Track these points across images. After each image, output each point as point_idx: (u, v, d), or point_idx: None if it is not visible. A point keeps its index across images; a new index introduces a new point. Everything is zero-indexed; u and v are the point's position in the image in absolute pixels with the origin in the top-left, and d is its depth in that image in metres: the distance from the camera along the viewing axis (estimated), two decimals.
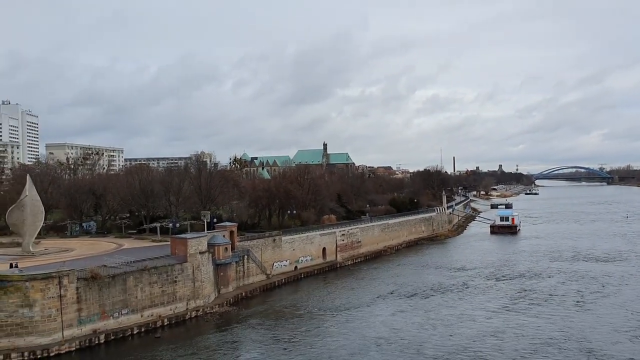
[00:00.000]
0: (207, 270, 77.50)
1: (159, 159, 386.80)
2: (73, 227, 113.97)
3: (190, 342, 61.91)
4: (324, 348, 59.00)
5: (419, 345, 59.26)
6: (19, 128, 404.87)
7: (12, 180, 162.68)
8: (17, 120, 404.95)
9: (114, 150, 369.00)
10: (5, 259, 77.16)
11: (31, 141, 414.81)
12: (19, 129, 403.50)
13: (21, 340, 56.20)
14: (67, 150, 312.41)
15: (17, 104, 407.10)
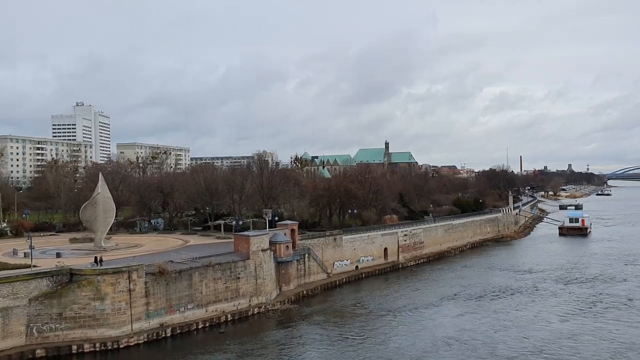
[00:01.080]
0: (269, 268, 78.32)
1: (222, 158, 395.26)
2: (142, 224, 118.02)
3: (253, 338, 62.76)
4: (389, 347, 58.60)
5: (492, 345, 58.05)
6: (92, 128, 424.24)
7: (86, 179, 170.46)
8: (90, 121, 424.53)
9: (181, 150, 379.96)
10: (80, 254, 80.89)
11: (103, 141, 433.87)
12: (92, 130, 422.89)
13: (93, 332, 58.56)
14: (136, 150, 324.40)
15: (90, 105, 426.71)
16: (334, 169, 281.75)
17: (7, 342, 55.12)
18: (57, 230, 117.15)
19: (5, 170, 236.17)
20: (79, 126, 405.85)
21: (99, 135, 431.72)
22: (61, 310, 58.06)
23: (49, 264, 66.84)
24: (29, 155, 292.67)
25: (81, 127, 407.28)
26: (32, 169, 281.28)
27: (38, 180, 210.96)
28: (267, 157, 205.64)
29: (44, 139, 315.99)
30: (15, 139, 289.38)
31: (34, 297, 57.56)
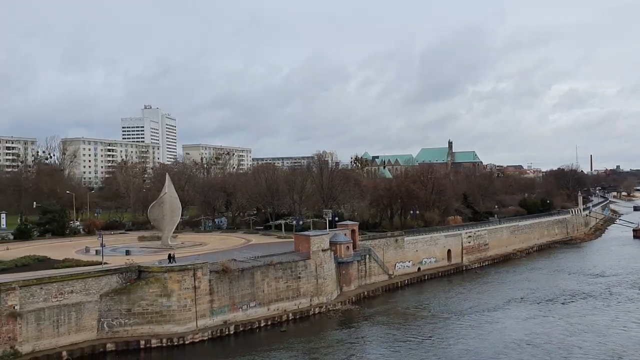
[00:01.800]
0: (330, 268, 78.30)
1: (283, 158, 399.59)
2: (206, 223, 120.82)
3: (314, 337, 62.88)
4: (457, 348, 57.52)
5: (567, 350, 56.10)
6: (159, 130, 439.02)
7: (153, 179, 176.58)
8: (158, 123, 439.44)
9: (243, 151, 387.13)
10: (148, 252, 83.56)
11: (170, 142, 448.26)
12: (159, 131, 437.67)
13: (160, 327, 60.27)
14: (201, 151, 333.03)
15: (157, 108, 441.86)
16: (395, 169, 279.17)
17: (80, 335, 57.55)
18: (126, 228, 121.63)
19: (78, 171, 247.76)
20: (147, 128, 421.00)
21: (166, 136, 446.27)
22: (130, 306, 60.09)
23: (118, 261, 69.41)
24: (101, 156, 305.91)
25: (149, 129, 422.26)
26: (103, 170, 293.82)
27: (109, 180, 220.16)
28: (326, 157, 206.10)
29: (114, 141, 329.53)
30: (88, 141, 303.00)
31: (104, 293, 59.84)
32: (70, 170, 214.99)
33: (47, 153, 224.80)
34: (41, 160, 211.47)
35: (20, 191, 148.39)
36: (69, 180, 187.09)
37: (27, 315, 54.26)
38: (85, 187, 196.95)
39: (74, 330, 57.31)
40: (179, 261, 67.02)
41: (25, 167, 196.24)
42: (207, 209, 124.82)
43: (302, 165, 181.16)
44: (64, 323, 56.72)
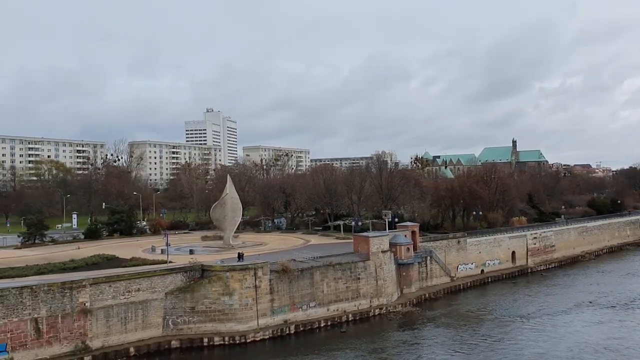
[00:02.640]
0: (390, 270, 77.51)
1: (341, 159, 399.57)
2: (266, 223, 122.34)
3: (374, 339, 62.36)
4: (527, 352, 55.96)
5: None
6: (221, 133, 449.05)
7: (215, 180, 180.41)
8: (219, 126, 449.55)
9: (301, 152, 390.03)
10: (210, 251, 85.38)
11: (230, 144, 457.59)
12: (220, 134, 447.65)
13: (222, 325, 61.35)
14: (260, 152, 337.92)
15: (219, 111, 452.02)
16: (457, 169, 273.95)
17: (146, 332, 59.36)
18: (190, 228, 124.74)
19: (145, 173, 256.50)
20: (209, 131, 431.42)
21: (227, 139, 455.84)
22: (194, 304, 61.46)
23: (182, 260, 71.21)
24: (165, 158, 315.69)
25: (211, 132, 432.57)
26: (168, 172, 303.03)
27: (173, 182, 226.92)
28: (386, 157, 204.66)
29: (178, 144, 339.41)
30: (153, 144, 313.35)
31: (169, 291, 61.47)
32: (137, 172, 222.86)
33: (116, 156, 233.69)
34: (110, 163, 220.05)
35: (90, 193, 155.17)
36: (136, 181, 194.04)
37: (96, 312, 56.44)
38: (151, 188, 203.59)
39: (140, 327, 59.15)
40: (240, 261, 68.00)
41: (95, 170, 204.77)
42: (266, 209, 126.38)
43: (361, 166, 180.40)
44: (131, 320, 58.65)
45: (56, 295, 54.42)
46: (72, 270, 67.54)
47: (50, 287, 54.56)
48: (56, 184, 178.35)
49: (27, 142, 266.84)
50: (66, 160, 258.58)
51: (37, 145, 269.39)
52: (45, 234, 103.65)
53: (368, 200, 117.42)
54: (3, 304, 51.40)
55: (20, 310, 52.28)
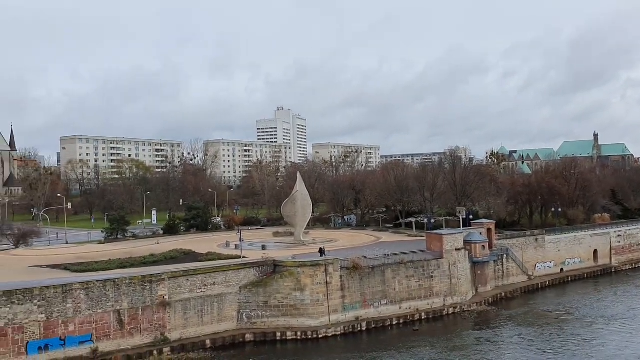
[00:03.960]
0: (464, 268, 75.68)
1: (413, 155, 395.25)
2: (336, 220, 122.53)
3: (448, 338, 61.17)
4: (618, 355, 53.51)
5: None
6: (291, 131, 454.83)
7: (286, 177, 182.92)
8: (289, 124, 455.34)
9: (371, 148, 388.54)
10: (282, 247, 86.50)
11: (300, 142, 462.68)
12: (290, 132, 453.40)
13: (295, 320, 61.95)
14: (330, 149, 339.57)
15: (289, 109, 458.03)
16: (535, 164, 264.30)
17: (221, 325, 60.86)
18: (262, 224, 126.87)
19: (219, 171, 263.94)
20: (279, 129, 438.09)
21: (297, 136, 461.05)
22: (266, 298, 62.42)
23: (255, 255, 72.48)
24: (238, 156, 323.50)
25: (281, 130, 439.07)
26: (240, 169, 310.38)
27: (246, 179, 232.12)
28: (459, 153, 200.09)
29: (250, 142, 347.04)
30: (227, 142, 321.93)
31: (243, 285, 62.72)
32: (212, 170, 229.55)
33: (192, 154, 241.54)
34: (186, 161, 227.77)
35: (169, 190, 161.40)
36: (211, 179, 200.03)
37: (175, 305, 58.39)
38: (225, 185, 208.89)
39: (216, 320, 60.71)
40: (310, 257, 68.49)
41: (173, 168, 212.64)
42: (336, 206, 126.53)
43: (433, 162, 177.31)
44: (207, 313, 60.29)
45: (137, 288, 56.73)
46: (151, 264, 70.30)
47: (132, 280, 56.96)
48: (137, 182, 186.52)
49: (109, 142, 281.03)
50: (146, 159, 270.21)
51: (118, 145, 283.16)
52: (126, 229, 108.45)
53: (441, 197, 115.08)
54: (88, 296, 54.14)
55: (104, 302, 54.90)
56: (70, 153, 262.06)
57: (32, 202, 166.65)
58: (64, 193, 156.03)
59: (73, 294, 53.41)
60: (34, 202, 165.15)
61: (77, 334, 53.08)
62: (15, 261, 76.11)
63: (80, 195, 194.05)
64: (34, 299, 51.53)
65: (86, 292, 54.12)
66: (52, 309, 52.21)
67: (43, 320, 51.70)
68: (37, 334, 51.30)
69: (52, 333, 51.97)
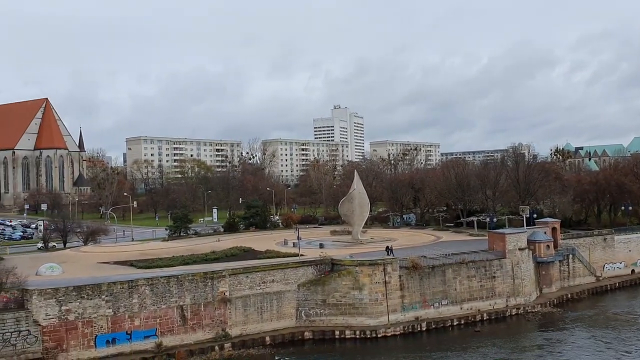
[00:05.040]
0: (527, 268, 73.38)
1: (474, 152, 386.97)
2: (394, 219, 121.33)
3: (510, 339, 59.58)
4: None
5: None
6: (348, 129, 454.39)
7: (343, 176, 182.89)
8: (346, 122, 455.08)
9: (431, 146, 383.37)
10: (339, 246, 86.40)
11: (357, 140, 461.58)
12: (347, 130, 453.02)
13: (353, 319, 61.77)
14: (388, 147, 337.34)
15: (346, 107, 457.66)
16: (603, 161, 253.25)
17: (280, 322, 61.45)
18: (319, 223, 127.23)
19: (277, 170, 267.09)
20: (336, 128, 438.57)
21: (354, 134, 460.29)
22: (325, 297, 62.52)
23: (312, 253, 72.72)
24: (295, 155, 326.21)
25: (338, 129, 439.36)
26: (298, 168, 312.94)
27: (303, 178, 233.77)
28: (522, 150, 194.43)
29: (307, 141, 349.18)
30: (284, 141, 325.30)
31: (301, 283, 63.06)
32: (270, 168, 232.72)
33: (250, 154, 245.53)
34: (245, 161, 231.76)
35: (229, 189, 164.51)
36: (269, 178, 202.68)
37: (235, 301, 59.39)
38: (282, 184, 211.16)
39: (275, 317, 61.35)
40: (369, 256, 68.12)
41: (232, 167, 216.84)
42: (395, 205, 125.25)
43: (495, 160, 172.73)
44: (267, 310, 61.02)
45: (199, 285, 58.04)
46: (213, 261, 71.76)
47: (194, 276, 58.32)
48: (198, 181, 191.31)
49: (172, 142, 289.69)
50: (207, 159, 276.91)
51: (181, 145, 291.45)
52: (189, 227, 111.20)
53: (504, 196, 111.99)
54: (153, 292, 55.81)
55: (167, 297, 56.47)
56: (135, 153, 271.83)
57: (100, 200, 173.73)
58: (130, 192, 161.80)
59: (138, 290, 55.20)
60: (101, 200, 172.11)
61: (142, 329, 54.85)
62: (85, 257, 79.41)
63: (145, 194, 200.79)
64: (102, 294, 53.60)
65: (151, 288, 55.81)
66: (118, 304, 54.15)
67: (110, 314, 53.70)
68: (105, 327, 53.33)
69: (119, 327, 53.90)
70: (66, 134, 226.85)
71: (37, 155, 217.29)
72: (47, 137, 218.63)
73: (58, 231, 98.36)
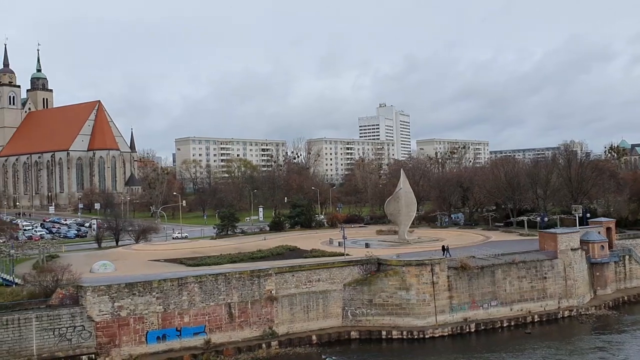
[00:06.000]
0: (581, 269, 71.03)
1: (524, 150, 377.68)
2: (442, 218, 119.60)
3: (563, 342, 57.91)
4: None
5: None
6: (393, 127, 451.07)
7: (389, 175, 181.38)
8: (392, 121, 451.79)
9: (479, 144, 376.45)
10: (385, 245, 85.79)
11: (403, 138, 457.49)
12: (393, 128, 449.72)
13: (400, 320, 61.19)
14: (435, 145, 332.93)
15: (391, 105, 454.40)
16: None
17: (327, 321, 61.44)
18: (365, 222, 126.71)
19: (321, 169, 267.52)
20: (381, 126, 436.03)
21: (400, 133, 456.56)
22: (371, 296, 62.14)
23: (358, 253, 72.37)
24: (340, 154, 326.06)
25: (384, 127, 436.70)
26: (342, 167, 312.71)
27: (348, 177, 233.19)
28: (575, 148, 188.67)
29: (352, 140, 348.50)
30: (329, 140, 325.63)
31: (347, 282, 62.88)
32: (315, 168, 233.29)
33: (295, 153, 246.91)
34: (290, 160, 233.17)
35: (274, 188, 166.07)
36: (314, 177, 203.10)
37: (281, 300, 59.74)
38: (327, 183, 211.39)
39: (321, 316, 61.40)
40: (416, 256, 67.35)
41: (277, 167, 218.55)
42: (442, 204, 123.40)
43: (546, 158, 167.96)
44: (313, 309, 61.12)
45: (246, 283, 58.65)
46: (259, 259, 72.50)
47: (241, 274, 59.00)
48: (244, 180, 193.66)
49: (219, 142, 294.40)
50: (252, 158, 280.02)
51: (228, 145, 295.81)
52: (236, 225, 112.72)
53: (555, 195, 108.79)
54: (202, 289, 56.72)
55: (216, 295, 57.29)
56: (184, 153, 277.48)
57: (151, 200, 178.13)
58: (179, 191, 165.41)
59: (188, 287, 56.21)
60: (152, 200, 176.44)
61: (191, 325, 55.82)
62: (136, 255, 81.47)
63: (194, 194, 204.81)
64: (152, 291, 54.81)
65: (199, 285, 56.73)
66: (168, 301, 55.27)
67: (161, 311, 54.86)
68: (156, 324, 54.52)
69: (169, 324, 55.02)
70: (118, 135, 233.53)
71: (90, 156, 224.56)
72: (100, 139, 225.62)
73: (111, 229, 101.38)
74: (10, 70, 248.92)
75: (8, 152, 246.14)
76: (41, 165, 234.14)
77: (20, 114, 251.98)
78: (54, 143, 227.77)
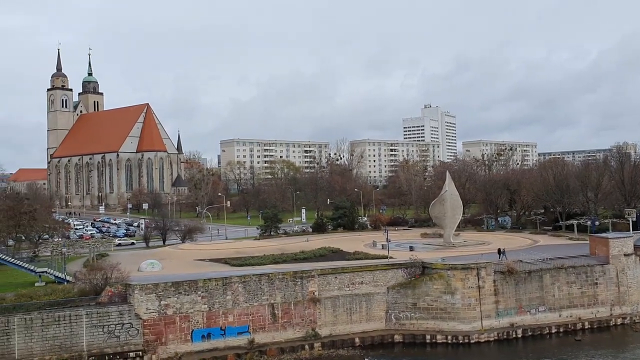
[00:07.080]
0: (635, 275, 68.36)
1: (574, 152, 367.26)
2: (489, 221, 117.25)
3: (620, 350, 55.91)
4: None
5: None
6: (439, 128, 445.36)
7: (434, 177, 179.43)
8: (437, 122, 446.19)
9: (527, 145, 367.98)
10: (430, 249, 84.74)
11: (449, 140, 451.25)
12: (438, 130, 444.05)
13: (445, 324, 60.23)
14: (481, 147, 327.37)
15: (437, 106, 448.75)
16: None
17: (370, 324, 61.01)
18: (409, 225, 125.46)
19: (365, 170, 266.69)
20: (426, 127, 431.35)
21: (446, 134, 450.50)
22: (415, 300, 61.39)
23: (402, 256, 71.76)
24: (384, 156, 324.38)
25: (429, 128, 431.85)
26: (386, 169, 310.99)
27: (392, 178, 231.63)
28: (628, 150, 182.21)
29: (396, 141, 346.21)
30: (372, 142, 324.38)
31: (391, 285, 62.29)
32: (358, 169, 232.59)
33: (338, 155, 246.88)
34: (333, 161, 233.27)
35: (317, 189, 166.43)
36: (357, 178, 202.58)
37: (324, 301, 59.65)
38: (370, 185, 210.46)
39: (364, 319, 60.99)
40: (461, 259, 66.19)
41: (320, 168, 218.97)
42: (489, 207, 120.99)
43: (597, 160, 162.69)
44: (356, 311, 60.78)
45: (289, 284, 58.83)
46: (302, 260, 72.70)
47: (284, 275, 59.22)
48: (287, 182, 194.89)
49: (263, 144, 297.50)
50: (295, 160, 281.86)
51: (271, 147, 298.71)
52: (279, 226, 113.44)
53: (607, 198, 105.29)
54: (245, 289, 57.22)
55: (259, 295, 57.70)
56: (229, 155, 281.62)
57: (196, 200, 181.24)
58: (224, 192, 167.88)
59: (232, 287, 56.80)
60: (197, 200, 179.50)
61: (235, 325, 56.35)
62: (182, 255, 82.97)
63: (238, 194, 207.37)
64: (198, 290, 55.60)
65: (243, 285, 57.25)
66: (213, 300, 55.97)
67: (206, 310, 55.61)
68: (201, 323, 55.30)
69: (213, 323, 55.70)
70: (165, 137, 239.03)
71: (139, 157, 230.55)
72: (148, 141, 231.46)
73: (158, 229, 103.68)
74: (63, 74, 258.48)
75: (61, 153, 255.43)
76: (92, 166, 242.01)
77: (72, 116, 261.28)
78: (104, 145, 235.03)
